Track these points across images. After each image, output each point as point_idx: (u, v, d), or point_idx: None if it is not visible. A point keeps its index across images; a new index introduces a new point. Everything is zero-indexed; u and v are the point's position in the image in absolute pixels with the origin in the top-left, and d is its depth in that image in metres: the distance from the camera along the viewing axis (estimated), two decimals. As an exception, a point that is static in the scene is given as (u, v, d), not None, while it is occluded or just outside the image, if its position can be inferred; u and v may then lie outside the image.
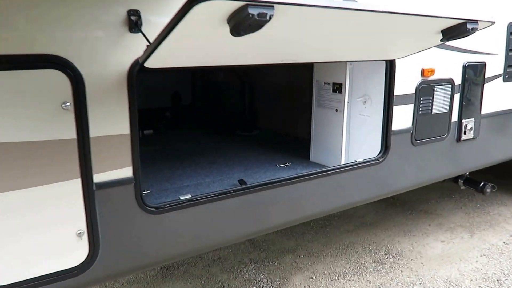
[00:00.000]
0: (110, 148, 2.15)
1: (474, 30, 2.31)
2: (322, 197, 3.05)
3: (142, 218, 2.30)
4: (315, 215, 3.19)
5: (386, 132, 3.30)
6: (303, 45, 2.30)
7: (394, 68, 3.20)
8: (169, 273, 4.20)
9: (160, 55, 1.89)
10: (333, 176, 3.03)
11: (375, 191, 3.38)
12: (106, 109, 2.10)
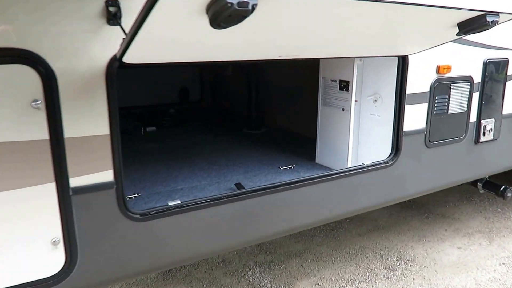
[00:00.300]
0: (87, 150, 1.99)
1: (495, 23, 2.07)
2: (325, 203, 2.84)
3: (125, 225, 2.14)
4: (318, 222, 2.99)
5: (397, 133, 3.07)
6: (301, 40, 2.09)
7: (406, 65, 2.95)
8: (170, 275, 4.06)
9: (138, 49, 1.72)
10: (338, 181, 2.82)
11: (384, 196, 3.15)
12: (82, 108, 1.94)
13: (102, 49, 1.92)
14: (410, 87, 3.04)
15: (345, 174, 2.84)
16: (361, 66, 3.12)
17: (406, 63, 2.95)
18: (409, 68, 2.98)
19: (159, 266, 2.48)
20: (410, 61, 2.98)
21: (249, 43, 1.94)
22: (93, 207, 2.06)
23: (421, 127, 3.19)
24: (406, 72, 2.96)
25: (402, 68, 2.96)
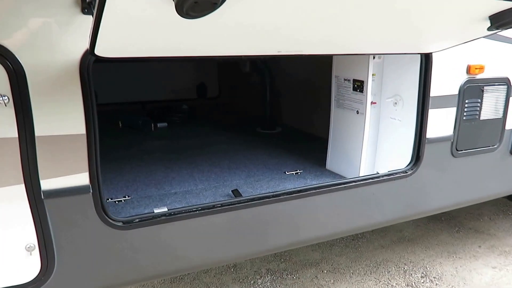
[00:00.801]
0: (60, 150, 1.84)
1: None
2: (332, 216, 2.59)
3: (106, 233, 1.98)
4: (324, 237, 2.75)
5: (418, 139, 2.76)
6: (300, 34, 1.85)
7: (430, 64, 2.64)
8: (178, 277, 3.92)
9: (107, 41, 1.54)
10: (347, 191, 2.56)
11: (402, 210, 2.85)
12: (54, 105, 1.80)
13: (76, 41, 1.76)
14: (435, 89, 2.73)
15: (355, 184, 2.57)
16: (379, 65, 2.83)
17: (430, 62, 2.64)
18: (434, 68, 2.67)
19: (144, 278, 2.32)
20: (435, 59, 2.67)
21: (236, 36, 1.73)
22: (69, 212, 1.91)
23: (447, 134, 2.86)
24: (430, 72, 2.66)
25: (425, 67, 2.66)
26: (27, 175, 1.78)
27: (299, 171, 2.94)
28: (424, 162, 2.79)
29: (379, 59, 2.82)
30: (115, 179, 2.79)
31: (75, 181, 1.88)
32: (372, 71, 2.73)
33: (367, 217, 2.71)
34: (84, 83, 1.80)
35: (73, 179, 1.88)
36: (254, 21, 1.58)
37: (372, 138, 2.91)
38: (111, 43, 1.60)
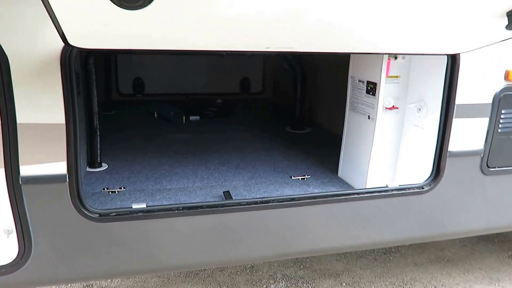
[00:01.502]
0: (40, 138, 1.88)
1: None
2: (325, 230, 2.39)
3: (81, 224, 2.00)
4: (313, 251, 2.57)
5: (439, 151, 2.48)
6: (284, 30, 1.72)
7: (457, 67, 2.36)
8: (193, 272, 3.92)
9: (76, 32, 1.54)
10: (346, 204, 2.36)
11: (415, 230, 2.58)
12: (36, 94, 1.83)
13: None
14: (463, 95, 2.44)
15: (354, 197, 2.37)
16: (404, 66, 2.59)
17: (456, 65, 2.36)
18: (462, 72, 2.38)
19: (119, 273, 2.31)
20: (465, 62, 2.38)
21: (212, 30, 1.64)
22: (46, 200, 1.95)
23: (476, 147, 2.55)
24: (455, 76, 2.37)
25: (451, 70, 2.38)
26: (7, 160, 1.84)
27: (306, 176, 2.77)
28: (445, 178, 2.50)
29: (402, 60, 2.57)
30: (122, 168, 2.83)
31: (52, 169, 1.91)
32: (384, 73, 2.49)
33: (370, 234, 2.48)
34: (65, 73, 1.81)
35: (51, 167, 1.91)
36: (232, 14, 1.48)
37: (390, 147, 2.66)
38: (81, 34, 1.59)
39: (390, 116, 2.69)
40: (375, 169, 2.58)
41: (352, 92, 2.71)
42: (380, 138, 2.56)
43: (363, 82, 2.59)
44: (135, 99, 5.08)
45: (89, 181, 2.57)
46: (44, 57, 1.79)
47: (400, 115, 2.72)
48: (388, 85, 2.62)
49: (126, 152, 3.17)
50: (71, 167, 1.92)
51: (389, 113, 2.69)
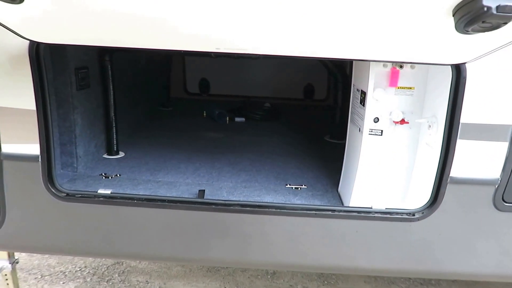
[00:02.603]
0: (17, 121, 2.12)
1: (504, 12, 1.22)
2: (289, 244, 2.23)
3: (50, 201, 2.20)
4: (272, 265, 2.41)
5: (439, 176, 2.15)
6: (229, 29, 1.67)
7: (462, 79, 2.01)
8: (214, 269, 4.00)
9: (34, 28, 1.71)
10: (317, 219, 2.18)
11: (398, 261, 2.25)
12: (12, 82, 2.07)
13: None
14: (473, 113, 2.07)
15: (329, 214, 2.17)
16: (420, 75, 2.28)
17: (461, 77, 2.01)
18: (472, 85, 2.03)
19: (79, 252, 2.46)
20: (476, 74, 2.02)
21: (160, 27, 1.68)
22: (20, 175, 2.19)
23: (490, 176, 2.14)
24: (461, 89, 2.02)
25: (455, 83, 2.03)
26: (-10, 138, 2.11)
27: (301, 186, 2.61)
28: (443, 207, 2.15)
29: (412, 69, 2.27)
30: (134, 158, 3.00)
31: (27, 150, 2.13)
32: (373, 82, 2.21)
33: (339, 256, 2.25)
34: (33, 65, 2.01)
35: (25, 148, 2.14)
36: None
37: (397, 165, 2.37)
38: (45, 30, 1.75)
39: (399, 131, 2.40)
40: (362, 188, 2.32)
41: (352, 102, 2.49)
42: (365, 153, 2.30)
43: (359, 91, 2.35)
44: (199, 98, 5.34)
45: (96, 166, 2.79)
46: (17, 50, 2.00)
47: (413, 131, 2.40)
48: (399, 97, 2.34)
49: (150, 143, 3.36)
50: (43, 149, 2.12)
51: (399, 128, 2.40)
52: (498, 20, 1.29)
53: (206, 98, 5.35)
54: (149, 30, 1.75)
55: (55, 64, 2.43)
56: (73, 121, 2.54)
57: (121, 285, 3.67)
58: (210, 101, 5.12)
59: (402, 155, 2.41)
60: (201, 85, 5.43)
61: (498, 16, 1.26)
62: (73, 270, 3.80)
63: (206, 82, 5.44)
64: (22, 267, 3.77)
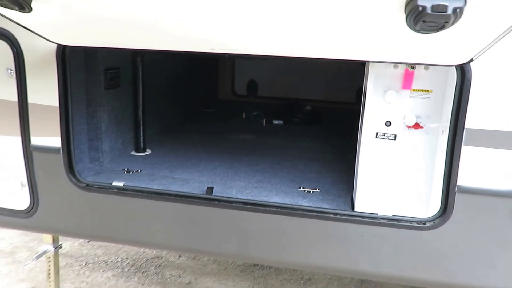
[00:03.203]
0: (42, 116, 2.36)
1: (438, 11, 1.18)
2: (291, 243, 2.23)
3: (72, 190, 2.42)
4: (274, 262, 2.41)
5: (447, 185, 2.03)
6: (223, 30, 1.75)
7: (467, 80, 1.89)
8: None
9: (57, 32, 1.94)
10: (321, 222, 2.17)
11: (407, 270, 2.15)
12: (39, 81, 2.31)
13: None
14: (483, 118, 1.94)
15: (332, 217, 2.15)
16: (438, 78, 2.18)
17: (466, 78, 1.89)
18: (478, 87, 1.91)
19: (96, 236, 2.64)
20: (485, 74, 1.89)
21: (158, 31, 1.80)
22: (48, 166, 2.43)
23: (503, 188, 1.98)
24: (465, 92, 1.91)
25: (460, 85, 1.92)
26: (22, 130, 2.37)
27: (314, 190, 2.58)
28: (455, 217, 2.03)
29: (425, 70, 2.17)
30: (159, 156, 3.15)
31: (51, 142, 2.37)
32: (372, 83, 2.13)
33: (344, 260, 2.19)
34: (58, 65, 2.23)
35: (50, 141, 2.37)
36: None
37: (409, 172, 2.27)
38: (67, 33, 1.96)
39: (413, 136, 2.29)
40: (366, 193, 2.25)
41: (362, 104, 2.42)
42: (364, 157, 2.23)
43: (364, 92, 2.29)
44: (245, 100, 5.40)
45: (121, 161, 2.98)
46: (46, 52, 2.24)
47: (430, 136, 2.29)
48: (414, 100, 2.24)
49: (179, 142, 3.51)
50: (64, 142, 2.35)
51: (413, 133, 2.29)
52: (436, 20, 1.24)
53: (253, 100, 5.39)
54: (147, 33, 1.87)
55: (87, 65, 2.65)
56: (100, 118, 2.75)
57: (154, 277, 3.87)
58: (256, 103, 5.14)
59: (417, 161, 2.29)
60: (249, 87, 5.48)
61: (434, 16, 1.21)
62: (114, 260, 4.08)
63: (254, 84, 5.48)
64: (72, 255, 4.13)
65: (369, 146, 2.22)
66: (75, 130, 2.55)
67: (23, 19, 1.84)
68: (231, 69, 5.47)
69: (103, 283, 3.75)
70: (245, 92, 5.51)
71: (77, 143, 2.61)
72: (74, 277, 3.80)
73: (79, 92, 2.62)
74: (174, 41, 1.95)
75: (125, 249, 4.22)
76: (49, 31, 2.00)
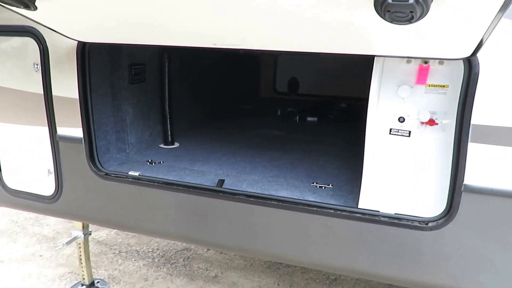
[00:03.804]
0: (65, 108, 2.53)
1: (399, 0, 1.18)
2: (291, 238, 2.22)
3: (92, 178, 2.57)
4: (277, 256, 2.37)
5: (453, 184, 1.94)
6: (223, 25, 1.80)
7: (474, 74, 1.80)
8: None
9: (74, 28, 2.09)
10: (320, 217, 2.14)
11: (407, 271, 2.07)
12: (62, 75, 2.48)
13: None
14: (491, 113, 1.83)
15: (331, 213, 2.11)
16: (455, 73, 2.09)
17: (473, 72, 1.79)
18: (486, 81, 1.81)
19: (114, 224, 2.75)
20: (497, 69, 1.79)
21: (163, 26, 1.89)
22: (71, 155, 2.60)
23: None
24: (472, 86, 1.81)
25: (467, 79, 1.83)
26: (49, 121, 2.56)
27: (327, 186, 2.54)
28: (460, 218, 1.93)
29: (440, 65, 2.07)
30: (185, 149, 3.24)
31: (74, 133, 2.53)
32: (379, 76, 2.06)
33: (342, 257, 2.14)
34: (78, 61, 2.39)
35: (73, 131, 2.54)
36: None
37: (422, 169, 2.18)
38: (84, 29, 2.11)
39: (428, 133, 2.20)
40: (370, 190, 2.18)
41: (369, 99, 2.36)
42: (370, 151, 2.17)
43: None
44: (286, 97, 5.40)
45: (147, 153, 3.10)
46: (68, 49, 2.41)
47: (447, 133, 2.18)
48: (429, 96, 2.15)
49: (208, 137, 3.60)
50: (85, 132, 2.50)
51: (427, 130, 2.20)
52: (401, 9, 1.21)
53: (293, 97, 5.37)
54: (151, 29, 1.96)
55: (112, 60, 2.80)
56: (125, 111, 2.89)
57: (182, 269, 3.98)
58: (296, 100, 5.12)
59: (431, 159, 2.19)
60: (290, 84, 5.47)
61: (397, 5, 1.19)
62: (146, 251, 4.26)
63: (295, 81, 5.46)
64: (107, 243, 4.37)
65: (381, 142, 2.16)
66: (102, 121, 2.71)
67: (44, 18, 1.99)
68: (273, 67, 5.49)
69: (134, 271, 3.92)
70: (286, 89, 5.50)
71: (105, 134, 2.77)
72: (108, 264, 4.01)
73: (105, 86, 2.77)
74: (176, 37, 2.02)
75: (157, 240, 4.39)
76: (68, 29, 2.15)
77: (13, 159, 2.82)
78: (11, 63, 2.61)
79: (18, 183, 2.83)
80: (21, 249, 4.21)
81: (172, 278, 3.85)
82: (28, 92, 2.60)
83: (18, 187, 2.83)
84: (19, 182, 2.83)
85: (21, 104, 2.64)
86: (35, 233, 4.54)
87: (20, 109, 2.66)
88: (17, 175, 2.84)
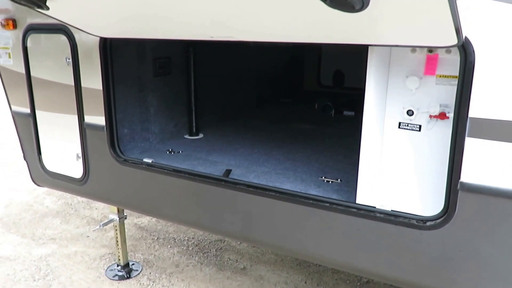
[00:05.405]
0: (91, 98, 2.73)
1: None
2: (289, 229, 2.21)
3: (113, 164, 2.76)
4: (275, 247, 2.37)
5: (449, 182, 1.82)
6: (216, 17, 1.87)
7: (469, 64, 1.68)
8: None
9: (95, 25, 2.29)
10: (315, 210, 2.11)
11: (403, 270, 1.96)
12: (88, 68, 2.69)
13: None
14: (490, 106, 1.70)
15: (327, 206, 2.07)
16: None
17: (469, 61, 1.67)
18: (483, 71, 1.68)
19: (132, 206, 2.90)
20: (496, 59, 1.66)
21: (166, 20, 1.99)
22: (96, 141, 2.80)
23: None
24: (467, 75, 1.69)
25: (463, 71, 1.71)
26: (78, 110, 2.79)
27: (335, 180, 2.49)
28: (459, 218, 1.81)
29: (447, 54, 1.95)
30: (208, 140, 3.34)
31: (97, 121, 2.73)
32: (374, 66, 1.97)
33: (338, 252, 2.09)
34: (101, 54, 2.58)
35: (97, 119, 2.74)
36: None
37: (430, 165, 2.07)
38: (100, 26, 2.29)
39: (438, 127, 2.08)
40: (367, 185, 2.10)
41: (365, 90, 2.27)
42: (366, 145, 2.08)
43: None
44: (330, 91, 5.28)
45: (170, 143, 3.23)
46: (92, 43, 2.60)
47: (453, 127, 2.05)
48: (440, 87, 2.04)
49: (234, 129, 3.66)
50: (107, 120, 2.69)
51: (437, 124, 2.08)
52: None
53: (337, 91, 5.25)
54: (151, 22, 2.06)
55: (138, 54, 2.97)
56: (150, 103, 3.05)
57: (213, 258, 4.09)
58: (340, 94, 4.99)
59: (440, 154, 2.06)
60: (335, 77, 5.35)
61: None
62: (182, 239, 4.43)
63: (340, 74, 5.32)
64: (147, 229, 4.61)
65: (389, 136, 2.08)
66: (128, 111, 2.88)
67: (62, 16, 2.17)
68: (317, 60, 5.41)
69: (168, 257, 4.11)
70: (331, 83, 5.41)
71: (130, 123, 2.95)
72: (145, 249, 4.24)
73: (132, 78, 2.94)
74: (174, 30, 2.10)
75: (193, 230, 4.54)
76: (86, 25, 2.33)
77: (51, 144, 3.10)
78: (49, 58, 2.87)
79: (55, 166, 3.11)
80: (72, 229, 4.59)
81: (202, 266, 3.97)
82: (61, 84, 2.84)
83: (55, 169, 3.10)
84: (55, 165, 3.11)
85: (56, 94, 2.90)
86: (85, 216, 4.92)
87: (56, 99, 2.92)
88: (54, 159, 3.12)
